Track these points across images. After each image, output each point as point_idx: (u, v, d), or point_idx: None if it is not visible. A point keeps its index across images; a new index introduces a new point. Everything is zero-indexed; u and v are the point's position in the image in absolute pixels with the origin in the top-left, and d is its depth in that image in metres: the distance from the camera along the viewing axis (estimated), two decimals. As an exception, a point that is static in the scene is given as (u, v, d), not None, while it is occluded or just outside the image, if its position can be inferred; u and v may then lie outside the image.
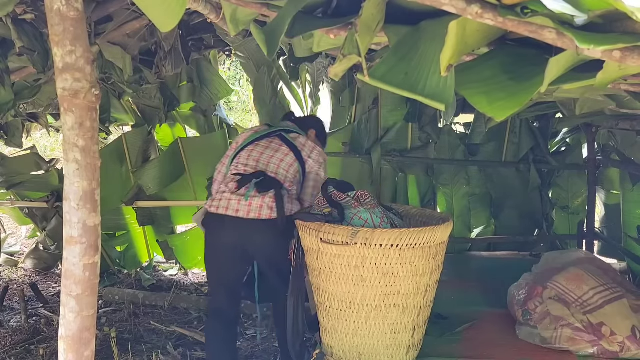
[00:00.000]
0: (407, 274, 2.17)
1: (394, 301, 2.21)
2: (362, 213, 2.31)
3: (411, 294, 2.22)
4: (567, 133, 4.53)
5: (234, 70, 11.10)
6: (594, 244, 4.36)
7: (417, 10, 1.21)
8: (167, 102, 4.82)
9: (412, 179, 4.52)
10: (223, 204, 2.69)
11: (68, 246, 1.65)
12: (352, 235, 2.11)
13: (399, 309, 2.23)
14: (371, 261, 2.14)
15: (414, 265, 2.17)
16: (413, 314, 2.27)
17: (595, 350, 2.47)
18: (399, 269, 2.16)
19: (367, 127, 4.43)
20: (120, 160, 5.04)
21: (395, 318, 2.24)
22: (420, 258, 2.18)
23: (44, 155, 7.03)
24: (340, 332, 2.31)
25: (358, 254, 2.14)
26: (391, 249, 2.12)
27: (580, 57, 1.10)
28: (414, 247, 2.14)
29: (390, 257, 2.13)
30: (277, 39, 1.38)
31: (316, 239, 2.21)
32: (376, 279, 2.17)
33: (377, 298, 2.20)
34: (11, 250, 6.13)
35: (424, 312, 2.33)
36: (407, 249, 2.13)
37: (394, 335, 2.27)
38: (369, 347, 2.28)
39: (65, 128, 1.59)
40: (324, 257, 2.23)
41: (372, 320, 2.24)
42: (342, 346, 2.33)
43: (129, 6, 2.96)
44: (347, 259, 2.17)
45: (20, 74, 3.53)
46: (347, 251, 2.15)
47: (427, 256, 2.19)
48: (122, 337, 4.01)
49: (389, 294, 2.20)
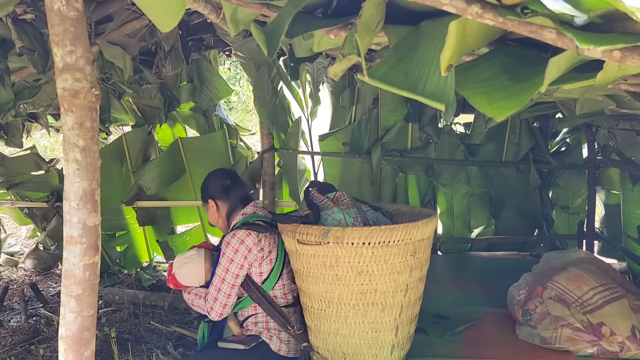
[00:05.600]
0: (382, 272, 2.16)
1: (371, 300, 2.21)
2: (335, 214, 2.33)
3: (389, 292, 2.21)
4: (567, 133, 4.53)
5: (234, 70, 11.11)
6: (594, 244, 4.36)
7: (417, 10, 1.21)
8: (167, 102, 4.83)
9: (412, 179, 4.52)
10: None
11: (68, 246, 1.65)
12: (324, 234, 2.13)
13: (378, 308, 2.22)
14: (344, 260, 2.15)
15: (389, 263, 2.15)
16: (394, 312, 2.25)
17: (595, 350, 2.47)
18: (373, 267, 2.15)
19: (367, 127, 4.43)
20: (120, 160, 5.04)
21: (374, 317, 2.23)
22: (396, 255, 2.15)
23: (44, 155, 7.04)
24: (323, 331, 2.33)
25: (332, 253, 2.16)
26: (363, 247, 2.11)
27: (580, 57, 1.10)
28: (387, 245, 2.12)
29: (363, 255, 2.13)
30: (277, 39, 1.38)
31: (293, 240, 2.24)
32: (351, 277, 2.18)
33: (354, 297, 2.21)
34: (11, 250, 6.13)
35: (408, 310, 2.30)
36: (380, 246, 2.12)
37: (376, 334, 2.26)
38: (351, 346, 2.29)
39: (65, 128, 1.59)
40: (301, 257, 2.26)
41: (352, 319, 2.24)
42: (326, 346, 2.34)
43: (129, 6, 2.96)
44: (321, 259, 2.19)
45: (20, 74, 3.52)
46: (321, 251, 2.17)
47: (403, 253, 2.17)
48: (122, 337, 4.01)
49: (366, 292, 2.20)
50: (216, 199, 2.55)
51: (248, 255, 2.36)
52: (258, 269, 2.41)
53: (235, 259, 2.35)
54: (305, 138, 4.81)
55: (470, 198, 4.53)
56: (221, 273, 2.37)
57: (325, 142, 4.51)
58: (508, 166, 4.46)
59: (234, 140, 5.21)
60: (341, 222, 2.31)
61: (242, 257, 2.35)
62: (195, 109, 5.18)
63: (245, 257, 2.36)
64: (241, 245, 2.35)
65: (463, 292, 3.39)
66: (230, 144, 5.10)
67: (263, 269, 2.42)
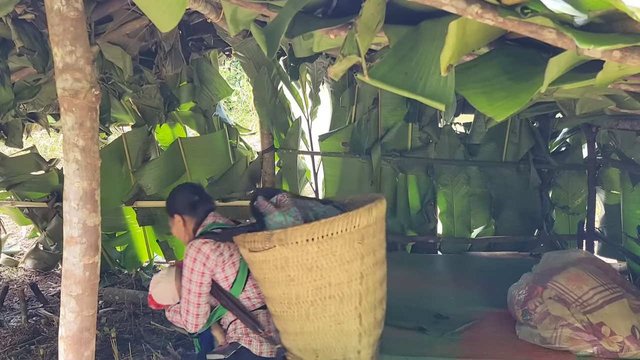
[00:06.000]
0: (332, 265, 2.16)
1: (327, 293, 2.20)
2: (276, 217, 2.33)
3: (344, 283, 2.20)
4: (567, 133, 4.53)
5: (234, 70, 11.11)
6: (594, 244, 4.36)
7: (417, 10, 1.21)
8: (167, 102, 4.83)
9: (412, 179, 4.53)
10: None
11: (68, 246, 1.65)
12: (267, 239, 2.15)
13: (336, 300, 2.21)
14: (293, 260, 2.15)
15: (337, 254, 2.15)
16: (353, 301, 2.24)
17: (595, 350, 2.47)
18: (322, 261, 2.15)
19: (367, 127, 4.43)
20: (120, 160, 5.04)
21: (334, 309, 2.23)
22: (343, 246, 2.14)
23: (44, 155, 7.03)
24: (290, 332, 2.34)
25: (280, 255, 2.16)
26: (308, 244, 2.11)
27: (580, 57, 1.10)
28: (331, 237, 2.11)
29: (309, 251, 2.13)
30: (277, 39, 1.38)
31: (245, 250, 2.26)
32: (303, 275, 2.18)
33: (310, 293, 2.21)
34: (11, 250, 6.13)
35: (368, 297, 2.28)
36: (324, 240, 2.11)
37: (339, 325, 2.26)
38: (319, 341, 2.30)
39: (65, 128, 1.59)
40: (255, 265, 2.27)
41: (313, 315, 2.25)
42: (297, 345, 2.35)
43: (129, 6, 2.96)
44: (272, 263, 2.19)
45: (20, 74, 3.52)
46: (270, 255, 2.18)
47: (350, 243, 2.15)
48: (122, 337, 4.01)
49: (320, 287, 2.19)
50: (183, 214, 2.57)
51: (207, 262, 2.38)
52: (222, 273, 2.42)
53: (195, 267, 2.38)
54: (305, 138, 4.81)
55: (470, 198, 4.53)
56: (186, 284, 2.40)
57: (325, 142, 4.51)
58: (508, 166, 4.47)
59: (234, 140, 5.22)
60: (282, 224, 2.31)
61: (201, 265, 2.37)
62: (195, 109, 5.18)
63: (204, 264, 2.38)
64: (199, 254, 2.38)
65: (463, 292, 3.39)
66: (230, 144, 5.10)
67: (227, 272, 2.43)
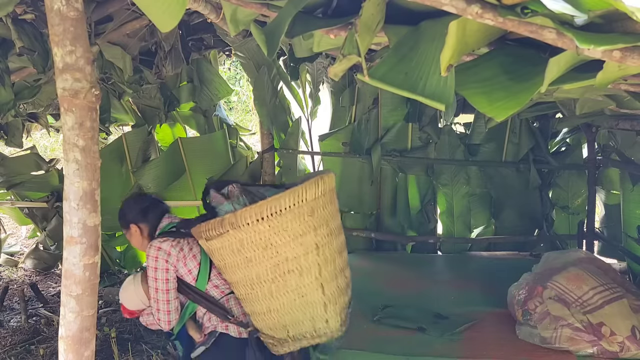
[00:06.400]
0: (285, 240, 2.20)
1: (286, 268, 2.24)
2: (225, 207, 2.38)
3: (301, 256, 2.24)
4: (567, 133, 4.53)
5: (234, 70, 11.10)
6: (594, 244, 4.36)
7: (417, 10, 1.21)
8: (167, 102, 4.83)
9: (412, 179, 4.52)
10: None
11: (68, 246, 1.65)
12: (220, 224, 2.20)
13: (295, 274, 2.25)
14: (247, 241, 2.20)
15: (289, 229, 2.18)
16: (312, 272, 2.27)
17: (595, 350, 2.47)
18: (275, 238, 2.19)
19: (367, 127, 4.43)
20: (120, 160, 5.04)
21: (295, 283, 2.27)
22: (293, 221, 2.18)
23: (44, 155, 7.03)
24: (258, 313, 2.37)
25: (234, 239, 2.21)
26: (259, 224, 2.16)
27: (580, 57, 1.10)
28: (280, 214, 2.15)
29: (261, 231, 2.17)
30: (277, 39, 1.38)
31: (202, 240, 2.31)
32: (259, 255, 2.22)
33: (270, 271, 2.25)
34: (11, 250, 6.13)
35: (328, 266, 2.31)
36: (274, 217, 2.15)
37: (303, 298, 2.29)
38: (288, 316, 2.33)
39: (65, 128, 1.59)
40: (214, 253, 2.32)
41: (276, 292, 2.29)
42: (267, 324, 2.39)
43: (129, 6, 2.96)
44: (229, 248, 2.24)
45: (20, 74, 3.53)
46: (225, 241, 2.23)
47: (300, 217, 2.19)
48: (122, 337, 4.01)
49: (278, 263, 2.24)
50: (137, 222, 2.61)
51: (169, 258, 2.42)
52: (184, 268, 2.47)
53: (158, 266, 2.42)
54: (305, 138, 4.81)
55: (470, 198, 4.52)
56: (152, 284, 2.44)
57: (325, 142, 4.51)
58: (508, 166, 4.46)
59: (234, 140, 5.22)
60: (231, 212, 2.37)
61: (163, 262, 2.42)
62: (195, 109, 5.19)
63: (167, 261, 2.42)
64: (159, 252, 2.42)
65: (463, 292, 3.39)
66: (230, 144, 5.10)
67: (189, 266, 2.47)
